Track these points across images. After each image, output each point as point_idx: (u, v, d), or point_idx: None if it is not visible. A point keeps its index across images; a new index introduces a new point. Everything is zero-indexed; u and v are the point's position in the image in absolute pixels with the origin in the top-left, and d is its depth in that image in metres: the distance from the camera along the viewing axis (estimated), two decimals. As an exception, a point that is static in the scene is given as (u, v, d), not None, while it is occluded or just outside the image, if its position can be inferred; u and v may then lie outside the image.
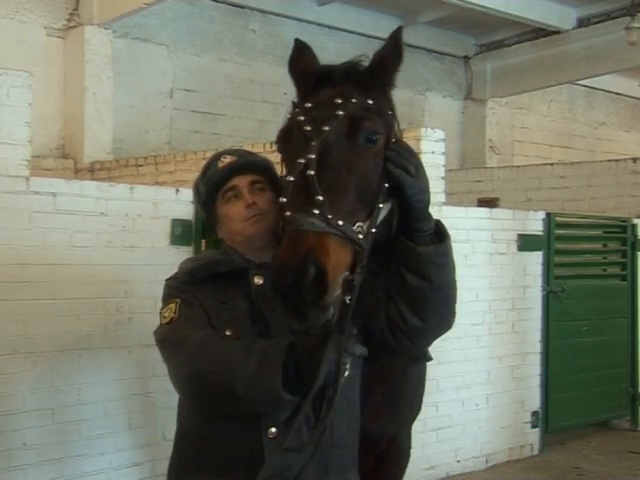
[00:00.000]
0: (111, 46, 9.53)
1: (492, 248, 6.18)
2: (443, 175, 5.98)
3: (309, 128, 1.97)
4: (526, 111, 14.77)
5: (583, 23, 12.42)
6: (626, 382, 7.32)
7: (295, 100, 2.15)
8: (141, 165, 8.27)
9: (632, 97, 16.25)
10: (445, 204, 5.93)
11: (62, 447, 4.06)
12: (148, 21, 10.27)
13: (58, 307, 4.04)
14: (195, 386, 2.08)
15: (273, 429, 2.06)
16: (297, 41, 2.23)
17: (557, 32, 12.56)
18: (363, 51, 2.16)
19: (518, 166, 10.78)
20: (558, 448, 6.69)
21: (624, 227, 7.39)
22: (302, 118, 2.01)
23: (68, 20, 9.59)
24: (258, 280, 2.18)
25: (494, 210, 6.44)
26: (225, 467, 2.10)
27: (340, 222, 1.87)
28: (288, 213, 1.88)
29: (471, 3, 10.84)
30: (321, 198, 1.86)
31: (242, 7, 11.15)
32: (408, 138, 5.85)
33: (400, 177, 1.99)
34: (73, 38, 9.48)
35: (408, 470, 2.62)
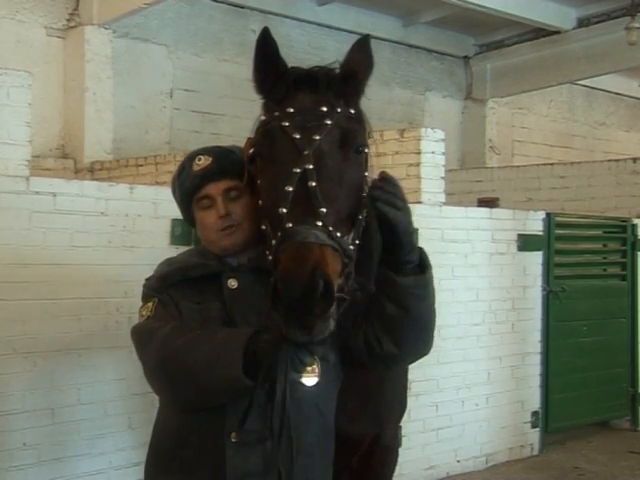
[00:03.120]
0: (111, 46, 9.53)
1: (492, 248, 6.18)
2: (443, 175, 5.98)
3: (298, 136, 1.95)
4: (526, 111, 14.77)
5: (583, 23, 12.42)
6: (626, 382, 7.32)
7: (267, 101, 2.10)
8: (141, 165, 8.27)
9: (632, 97, 16.25)
10: (445, 204, 5.93)
11: (62, 447, 4.05)
12: (148, 21, 10.27)
13: (58, 307, 4.04)
14: (161, 372, 2.09)
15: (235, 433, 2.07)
16: (266, 32, 2.09)
17: (557, 32, 12.56)
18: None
19: (518, 166, 10.78)
20: (558, 448, 6.69)
21: (624, 227, 7.39)
22: (286, 124, 1.98)
23: (68, 20, 9.59)
24: (232, 283, 2.18)
25: (494, 210, 6.43)
26: (193, 468, 2.12)
27: (338, 234, 1.89)
28: (289, 225, 1.87)
29: (471, 3, 10.84)
30: (324, 210, 1.88)
31: (242, 7, 11.15)
32: (408, 138, 5.86)
33: (392, 215, 1.96)
34: (73, 38, 9.48)
35: (408, 470, 2.62)
